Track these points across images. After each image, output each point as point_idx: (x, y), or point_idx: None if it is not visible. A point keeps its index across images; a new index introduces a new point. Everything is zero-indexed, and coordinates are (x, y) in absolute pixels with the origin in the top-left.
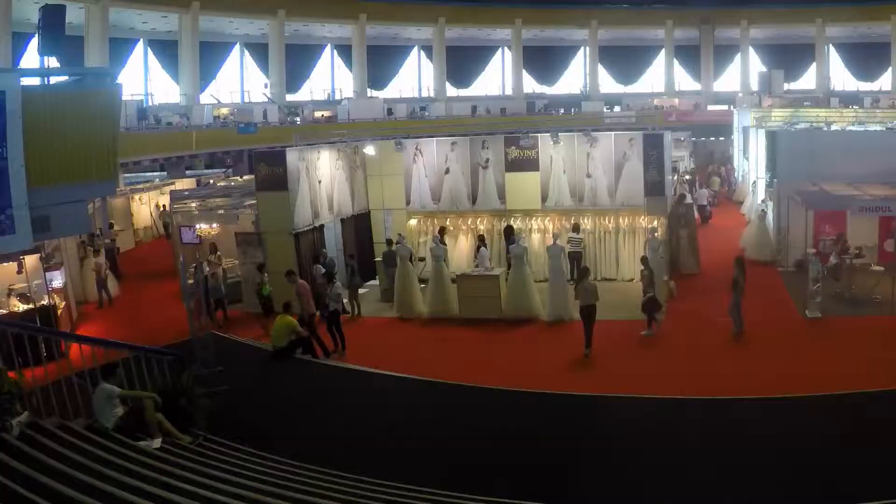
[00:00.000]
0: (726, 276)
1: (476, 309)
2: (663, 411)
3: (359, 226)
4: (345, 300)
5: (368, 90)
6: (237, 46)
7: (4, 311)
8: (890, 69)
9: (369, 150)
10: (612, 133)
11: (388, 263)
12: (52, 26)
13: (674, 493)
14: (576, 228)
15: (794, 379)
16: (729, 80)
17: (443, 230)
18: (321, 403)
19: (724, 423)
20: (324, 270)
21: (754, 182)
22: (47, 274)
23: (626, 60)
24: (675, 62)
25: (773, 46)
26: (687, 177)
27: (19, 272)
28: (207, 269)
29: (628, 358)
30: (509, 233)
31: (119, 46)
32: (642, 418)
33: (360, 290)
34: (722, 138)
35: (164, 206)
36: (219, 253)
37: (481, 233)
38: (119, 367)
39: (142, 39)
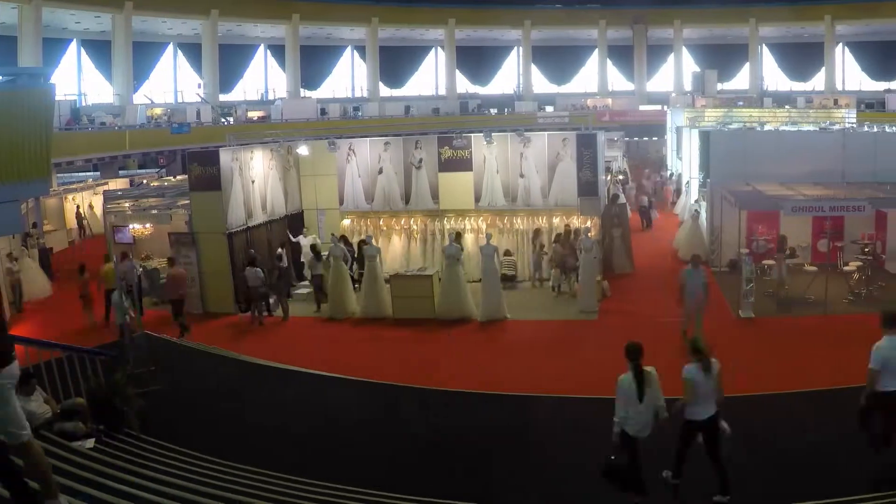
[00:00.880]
0: (659, 275)
1: (409, 309)
2: (595, 411)
3: (292, 226)
4: (271, 300)
5: (301, 90)
6: (170, 46)
7: None
8: (823, 69)
9: (302, 150)
10: (546, 133)
11: (312, 266)
12: None
13: (601, 492)
14: (507, 252)
15: (726, 379)
16: (662, 79)
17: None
18: (256, 403)
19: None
20: (261, 273)
21: (687, 182)
22: None
23: (559, 60)
24: (609, 62)
25: (706, 46)
26: (620, 177)
27: None
28: (140, 269)
29: (562, 358)
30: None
31: (52, 46)
32: (575, 418)
33: (302, 290)
34: (655, 138)
35: (78, 206)
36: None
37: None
38: (34, 378)
39: (75, 39)
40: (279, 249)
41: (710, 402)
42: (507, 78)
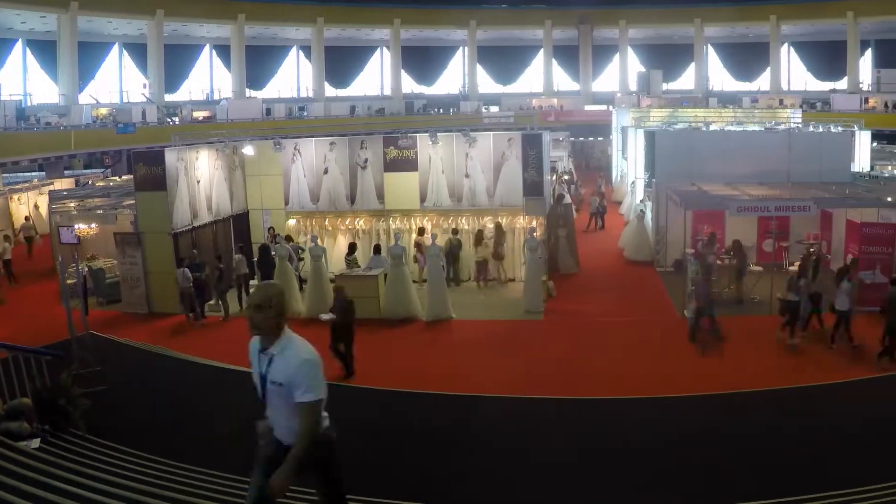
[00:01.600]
0: (605, 275)
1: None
2: (540, 411)
3: (237, 226)
4: (210, 302)
5: (247, 90)
6: (116, 46)
7: None
8: (768, 69)
9: (248, 150)
10: (491, 133)
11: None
12: None
13: (547, 492)
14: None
15: (672, 379)
16: (608, 80)
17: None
18: (202, 403)
19: (600, 423)
20: (191, 274)
21: (633, 182)
22: None
23: (504, 60)
24: (554, 62)
25: (651, 46)
26: (566, 177)
27: None
28: (85, 269)
29: (508, 358)
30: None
31: None
32: (521, 418)
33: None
34: (601, 138)
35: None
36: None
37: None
38: None
39: (20, 39)
40: (237, 255)
41: None
42: (452, 78)
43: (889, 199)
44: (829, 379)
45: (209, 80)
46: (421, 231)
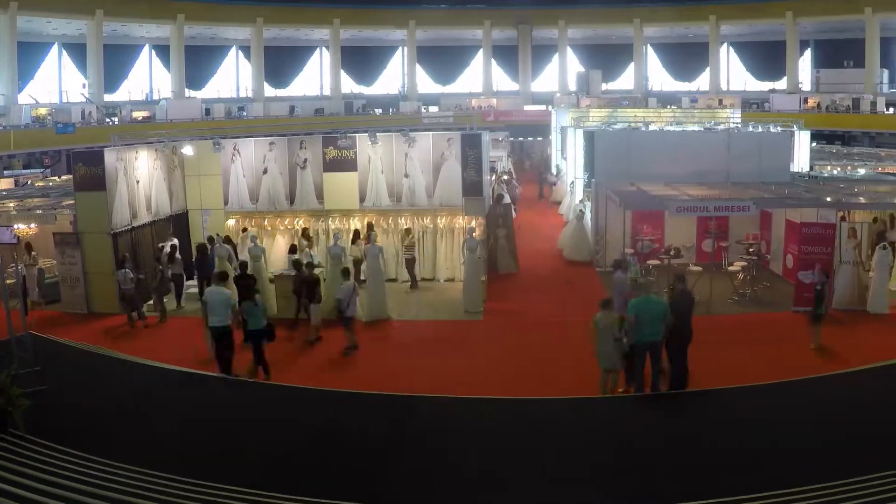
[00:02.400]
0: (544, 275)
1: (294, 308)
2: (479, 411)
3: (177, 226)
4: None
5: (186, 90)
6: (55, 46)
7: None
8: (708, 69)
9: (187, 150)
10: (430, 133)
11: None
12: None
13: (485, 491)
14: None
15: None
16: (547, 80)
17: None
18: (142, 403)
19: (537, 423)
20: (132, 275)
21: (572, 182)
22: None
23: (444, 60)
24: (493, 62)
25: (591, 46)
26: (505, 177)
27: None
28: (23, 269)
29: (446, 359)
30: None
31: None
32: (459, 418)
33: (190, 290)
34: (540, 138)
35: None
36: (34, 253)
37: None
38: None
39: None
40: (171, 251)
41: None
42: (391, 78)
43: (828, 199)
44: (770, 379)
45: (149, 80)
46: (366, 230)
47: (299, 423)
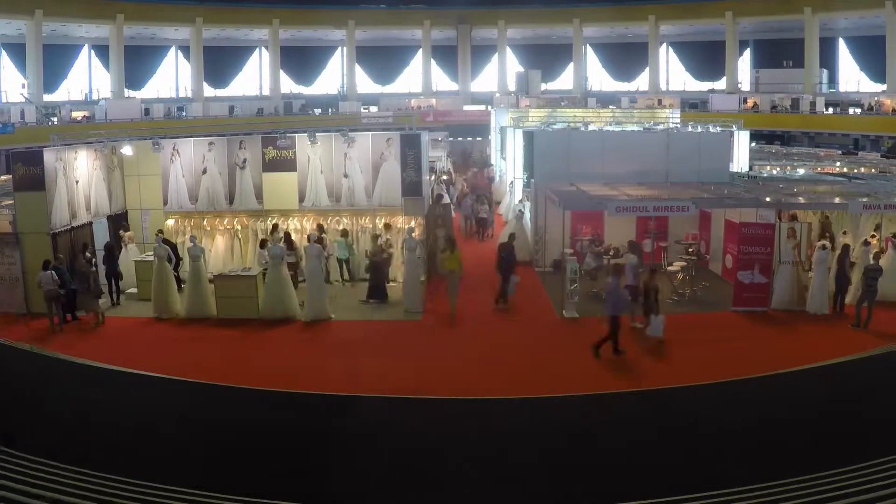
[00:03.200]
0: (484, 275)
1: (233, 309)
2: (418, 411)
3: (116, 226)
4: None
5: (126, 90)
6: None
7: None
8: (647, 69)
9: (127, 150)
10: (370, 133)
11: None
12: None
13: (421, 489)
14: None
15: (550, 379)
16: (486, 80)
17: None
18: (75, 402)
19: (475, 423)
20: (55, 276)
21: (512, 182)
22: None
23: (383, 61)
24: (433, 62)
25: (530, 47)
26: (444, 177)
27: None
28: None
29: (385, 358)
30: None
31: None
32: (397, 418)
33: (129, 290)
34: (479, 138)
35: None
36: None
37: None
38: None
39: None
40: (114, 250)
41: None
42: (331, 78)
43: (767, 199)
44: (709, 378)
45: (88, 80)
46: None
47: (235, 422)
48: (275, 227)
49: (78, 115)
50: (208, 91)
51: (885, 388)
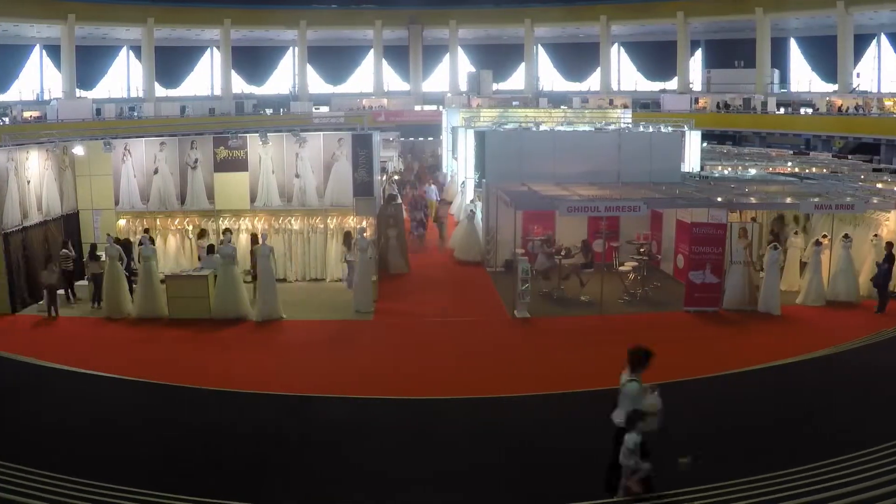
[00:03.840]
0: (435, 275)
1: (185, 309)
2: (368, 411)
3: (68, 226)
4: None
5: (77, 90)
6: None
7: None
8: (599, 69)
9: (78, 150)
10: (321, 133)
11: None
12: None
13: (373, 491)
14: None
15: (500, 379)
16: (438, 80)
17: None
18: (29, 402)
19: (426, 423)
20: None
21: (463, 182)
22: None
23: (335, 61)
24: (385, 62)
25: (482, 47)
26: (396, 177)
27: None
28: None
29: (337, 359)
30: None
31: None
32: (348, 418)
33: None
34: (431, 138)
35: None
36: None
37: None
38: None
39: None
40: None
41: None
42: (282, 78)
43: (719, 199)
44: (660, 379)
45: (39, 80)
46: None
47: (187, 423)
48: (226, 230)
49: (29, 115)
50: (160, 91)
51: (836, 389)
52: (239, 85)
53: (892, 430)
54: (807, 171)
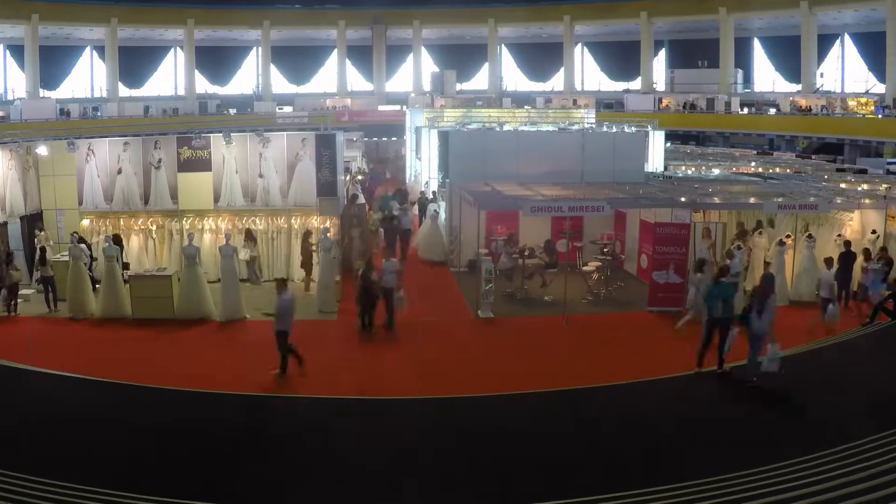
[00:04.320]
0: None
1: (149, 309)
2: (331, 411)
3: (31, 226)
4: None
5: (41, 90)
6: None
7: None
8: (562, 69)
9: (42, 150)
10: (285, 133)
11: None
12: None
13: (335, 490)
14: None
15: (463, 379)
16: (402, 80)
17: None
18: None
19: (388, 423)
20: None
21: (426, 182)
22: None
23: (298, 61)
24: (348, 62)
25: (445, 47)
26: (360, 177)
27: None
28: None
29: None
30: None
31: None
32: (310, 418)
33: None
34: (395, 138)
35: None
36: None
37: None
38: None
39: None
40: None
41: None
42: (246, 78)
43: (682, 199)
44: (624, 378)
45: (3, 80)
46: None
47: (151, 422)
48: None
49: None
50: (123, 91)
51: (794, 389)
52: (203, 85)
53: (856, 429)
54: (770, 171)
